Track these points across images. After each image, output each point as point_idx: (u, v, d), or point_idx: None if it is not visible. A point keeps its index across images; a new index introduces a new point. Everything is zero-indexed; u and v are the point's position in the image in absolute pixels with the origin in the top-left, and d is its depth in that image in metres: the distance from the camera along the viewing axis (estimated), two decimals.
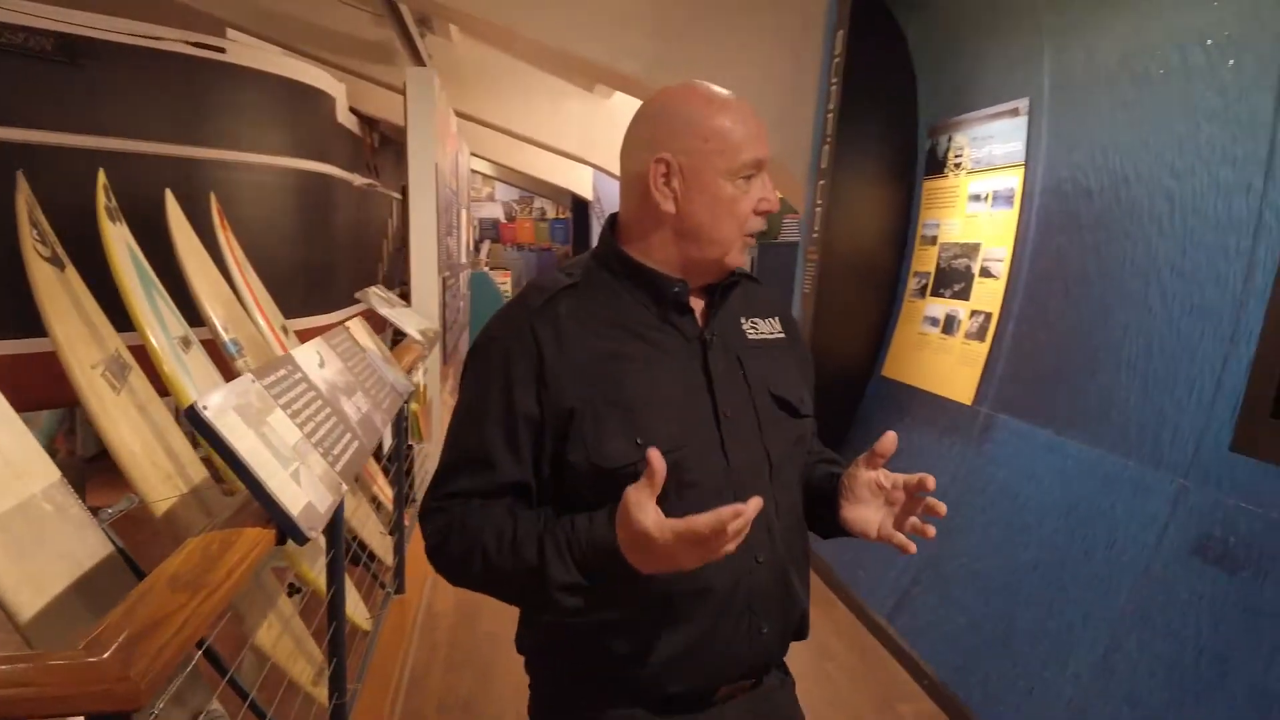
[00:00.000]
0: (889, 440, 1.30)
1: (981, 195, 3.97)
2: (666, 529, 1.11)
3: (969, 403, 3.80)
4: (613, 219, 1.39)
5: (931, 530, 1.31)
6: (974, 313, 3.92)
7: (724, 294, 1.37)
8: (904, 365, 4.47)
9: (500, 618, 4.03)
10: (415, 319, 5.02)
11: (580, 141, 10.01)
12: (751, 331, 1.41)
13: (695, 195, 1.27)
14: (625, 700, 1.32)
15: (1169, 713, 2.42)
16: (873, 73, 4.61)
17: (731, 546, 1.12)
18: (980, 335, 3.82)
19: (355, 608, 3.52)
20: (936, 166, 4.41)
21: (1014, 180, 3.72)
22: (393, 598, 4.00)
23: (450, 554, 1.26)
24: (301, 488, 1.67)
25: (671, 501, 1.19)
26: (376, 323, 4.74)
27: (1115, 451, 2.88)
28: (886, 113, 4.67)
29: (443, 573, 1.31)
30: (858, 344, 4.82)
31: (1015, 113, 3.72)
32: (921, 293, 4.42)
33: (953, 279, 4.14)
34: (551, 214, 25.53)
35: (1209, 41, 2.68)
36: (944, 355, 4.07)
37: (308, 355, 2.28)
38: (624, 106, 9.65)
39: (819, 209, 4.78)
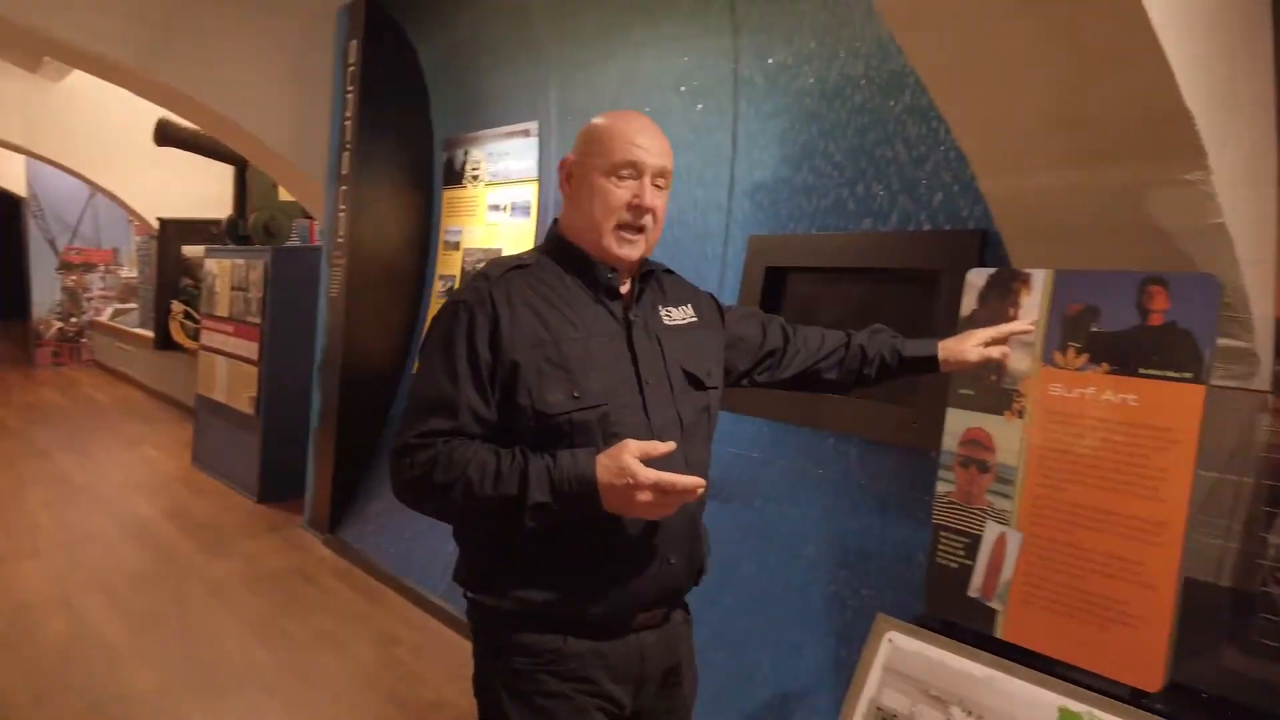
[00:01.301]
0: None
1: (501, 205, 4.41)
2: (651, 476, 1.36)
3: None
4: (556, 219, 1.67)
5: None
6: None
7: (643, 283, 1.64)
8: None
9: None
10: None
11: (19, 127, 8.57)
12: (667, 318, 1.67)
13: (580, 188, 1.57)
14: (553, 627, 1.52)
15: (698, 606, 3.05)
16: (388, 84, 4.81)
17: (671, 510, 1.41)
18: None
19: None
20: (455, 178, 4.75)
21: (529, 193, 4.21)
22: None
23: (433, 482, 1.43)
24: None
25: (600, 444, 1.46)
26: None
27: None
28: (403, 124, 4.90)
29: (415, 497, 1.47)
30: (388, 345, 5.00)
31: (527, 133, 4.20)
32: (448, 294, 4.74)
33: None
34: None
35: (683, 88, 3.38)
36: None
37: None
38: (80, 88, 8.52)
39: (343, 214, 4.84)
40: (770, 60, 3.02)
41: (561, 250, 1.61)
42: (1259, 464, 1.86)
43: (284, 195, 6.43)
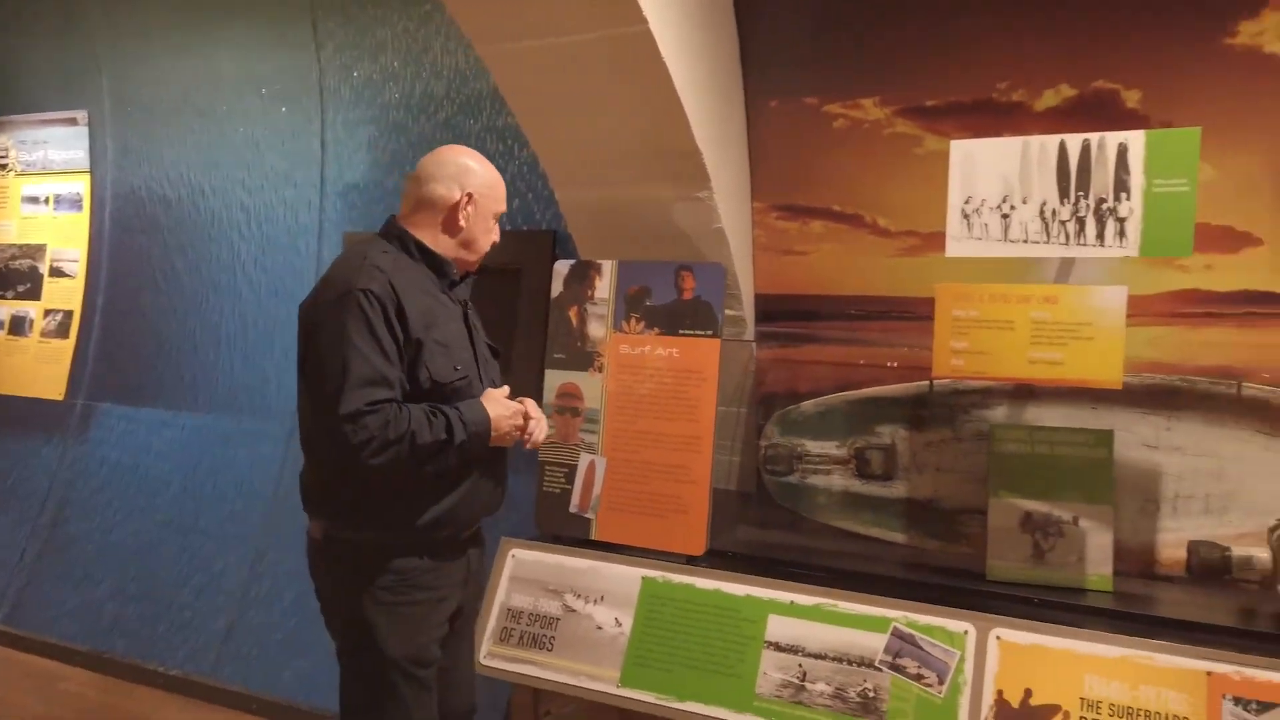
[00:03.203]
0: None
1: (41, 198, 4.08)
2: (522, 409, 1.95)
3: (61, 398, 3.93)
4: (395, 219, 1.99)
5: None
6: (50, 311, 4.03)
7: (466, 279, 2.03)
8: None
9: None
10: None
11: None
12: (470, 304, 2.08)
13: (479, 221, 1.97)
14: (412, 551, 1.87)
15: (304, 595, 3.26)
16: None
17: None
18: (62, 332, 3.97)
19: None
20: None
21: (80, 185, 3.97)
22: None
23: (387, 438, 1.73)
24: None
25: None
26: None
27: (228, 413, 3.56)
28: None
29: (371, 453, 1.71)
30: None
31: (74, 122, 3.96)
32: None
33: (16, 280, 4.13)
34: None
35: (264, 91, 3.52)
36: (19, 356, 4.06)
37: None
38: None
39: None
40: (355, 74, 3.32)
41: (418, 249, 1.95)
42: (750, 396, 2.67)
43: None
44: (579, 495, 2.41)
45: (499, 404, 1.92)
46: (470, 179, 1.97)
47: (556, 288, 2.49)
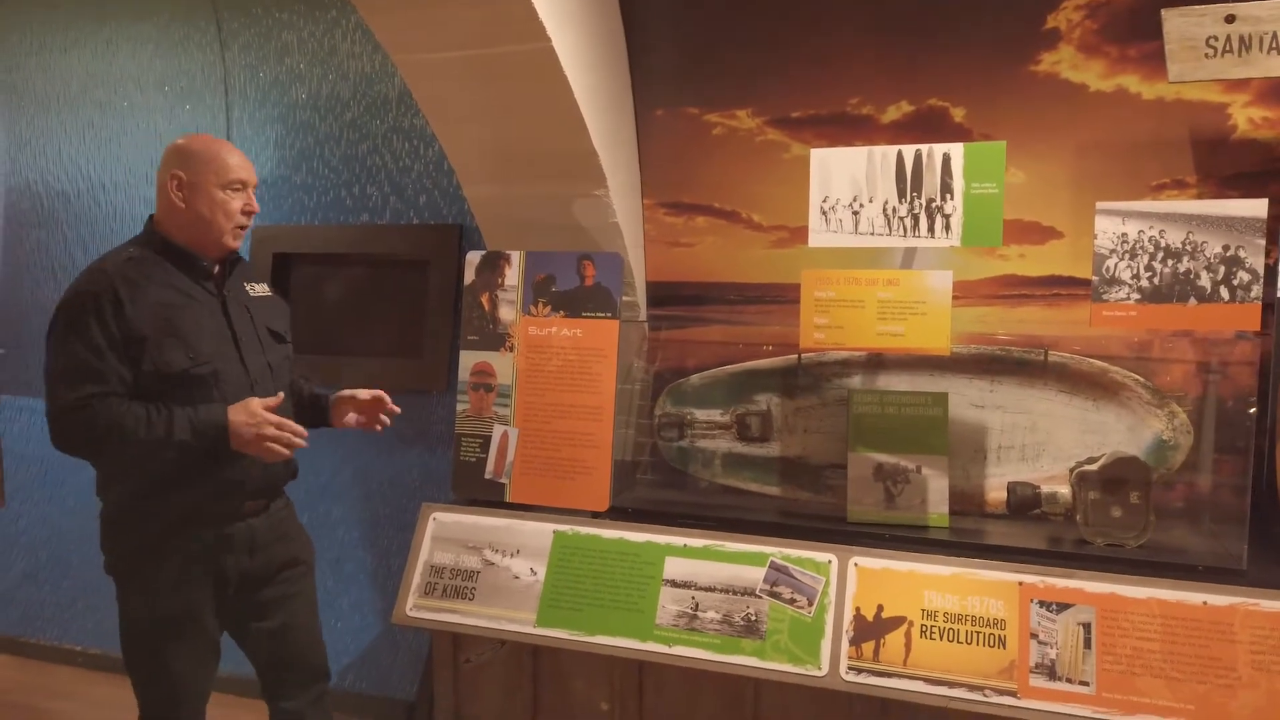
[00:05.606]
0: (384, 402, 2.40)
1: None
2: (275, 419, 1.95)
3: None
4: (152, 217, 2.10)
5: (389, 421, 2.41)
6: None
7: (231, 267, 2.17)
8: None
9: None
10: None
11: None
12: (252, 291, 2.23)
13: (199, 197, 2.02)
14: (185, 521, 2.04)
15: None
16: None
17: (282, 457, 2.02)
18: None
19: None
20: None
21: None
22: None
23: (96, 431, 1.88)
24: None
25: (213, 393, 1.93)
26: None
27: None
28: None
29: (78, 445, 1.91)
30: None
31: None
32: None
33: None
34: None
35: (166, 88, 3.62)
36: None
37: None
38: None
39: None
40: (261, 74, 3.47)
41: (162, 244, 2.07)
42: (644, 372, 2.99)
43: None
44: (494, 462, 2.67)
45: (244, 411, 1.96)
46: (175, 160, 2.05)
47: (469, 276, 2.74)
